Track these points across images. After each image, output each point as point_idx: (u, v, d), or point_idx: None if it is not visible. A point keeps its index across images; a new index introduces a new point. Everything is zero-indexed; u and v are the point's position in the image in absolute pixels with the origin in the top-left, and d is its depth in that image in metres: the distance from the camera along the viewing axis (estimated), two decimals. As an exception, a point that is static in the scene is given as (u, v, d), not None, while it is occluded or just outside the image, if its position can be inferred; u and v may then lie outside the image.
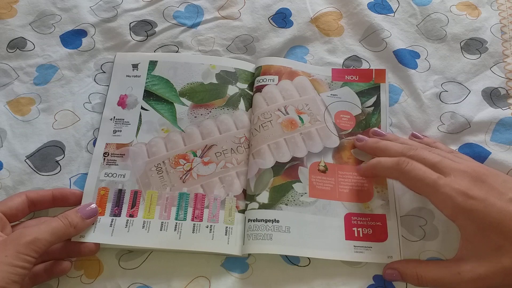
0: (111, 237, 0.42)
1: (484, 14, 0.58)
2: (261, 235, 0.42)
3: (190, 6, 0.58)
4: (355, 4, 0.58)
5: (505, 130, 0.49)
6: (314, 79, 0.52)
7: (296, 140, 0.48)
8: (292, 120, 0.49)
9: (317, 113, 0.50)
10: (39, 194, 0.42)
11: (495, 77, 0.53)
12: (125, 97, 0.50)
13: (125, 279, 0.42)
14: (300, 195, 0.45)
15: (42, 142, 0.48)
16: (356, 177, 0.46)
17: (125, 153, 0.47)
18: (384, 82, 0.52)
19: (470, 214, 0.36)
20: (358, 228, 0.43)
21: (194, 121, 0.49)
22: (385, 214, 0.44)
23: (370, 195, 0.45)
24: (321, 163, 0.47)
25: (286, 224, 0.43)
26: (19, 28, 0.55)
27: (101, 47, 0.55)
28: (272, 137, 0.47)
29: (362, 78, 0.52)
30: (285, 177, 0.45)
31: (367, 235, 0.43)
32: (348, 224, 0.44)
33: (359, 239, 0.43)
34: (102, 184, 0.45)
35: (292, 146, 0.47)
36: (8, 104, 0.50)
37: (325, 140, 0.48)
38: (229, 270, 0.42)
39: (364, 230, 0.43)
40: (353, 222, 0.44)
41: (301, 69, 0.53)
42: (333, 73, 0.53)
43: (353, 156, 0.48)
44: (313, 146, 0.48)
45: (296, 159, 0.47)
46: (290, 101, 0.50)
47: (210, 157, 0.47)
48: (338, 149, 0.48)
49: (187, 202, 0.44)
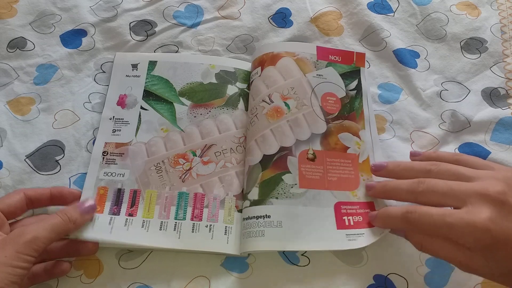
0: (110, 235, 0.42)
1: (484, 13, 0.58)
2: (254, 232, 0.41)
3: (190, 6, 0.58)
4: (355, 4, 0.58)
5: (505, 130, 0.49)
6: (299, 59, 0.50)
7: (283, 128, 0.46)
8: (277, 108, 0.47)
9: (304, 97, 0.48)
10: (37, 192, 0.42)
11: (495, 77, 0.53)
12: (125, 96, 0.50)
13: (125, 279, 0.41)
14: (291, 187, 0.43)
15: (42, 142, 0.48)
16: (343, 164, 0.45)
17: (124, 152, 0.47)
18: (363, 67, 0.51)
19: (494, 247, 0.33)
20: (348, 216, 0.43)
21: (194, 121, 0.49)
22: (373, 201, 0.44)
23: (357, 183, 0.45)
24: (310, 151, 0.45)
25: (278, 218, 0.42)
26: (19, 28, 0.55)
27: (101, 47, 0.55)
28: (259, 130, 0.46)
29: (344, 60, 0.51)
30: (274, 170, 0.44)
31: (358, 223, 0.43)
32: (339, 213, 0.43)
33: (351, 227, 0.42)
34: (101, 183, 0.45)
35: (279, 136, 0.46)
36: (8, 104, 0.50)
37: (313, 126, 0.47)
38: (229, 270, 0.42)
39: (354, 218, 0.43)
40: (342, 211, 0.43)
41: (285, 49, 0.51)
42: (318, 51, 0.51)
43: (340, 142, 0.47)
44: (300, 133, 0.46)
45: (284, 148, 0.45)
46: (274, 88, 0.48)
47: (210, 157, 0.47)
48: (326, 135, 0.47)
49: (187, 202, 0.44)
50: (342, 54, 0.52)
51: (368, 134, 0.48)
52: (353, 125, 0.48)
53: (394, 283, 0.42)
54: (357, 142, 0.47)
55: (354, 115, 0.48)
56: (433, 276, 0.42)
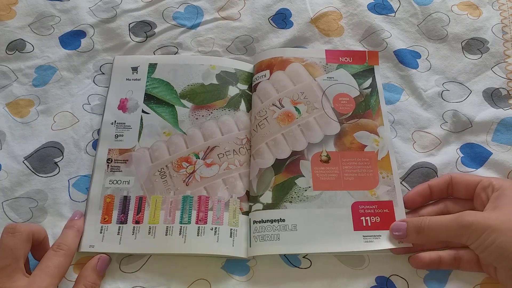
0: (119, 246, 0.42)
1: (485, 14, 0.58)
2: (268, 236, 0.42)
3: (189, 7, 0.58)
4: (355, 5, 0.58)
5: (507, 131, 0.49)
6: (308, 64, 0.51)
7: (295, 133, 0.47)
8: (288, 113, 0.48)
9: (314, 100, 0.49)
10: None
11: (496, 78, 0.53)
12: (126, 100, 0.50)
13: (125, 283, 0.41)
14: (304, 190, 0.44)
15: (41, 143, 0.48)
16: (360, 163, 0.46)
17: (129, 159, 0.46)
18: (377, 64, 0.52)
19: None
20: (366, 217, 0.43)
21: (196, 123, 0.49)
22: (391, 200, 0.44)
23: (376, 181, 0.45)
24: (323, 153, 0.46)
25: (293, 222, 0.42)
26: (18, 30, 0.55)
27: (100, 48, 0.54)
28: (270, 134, 0.47)
29: (356, 60, 0.52)
30: (287, 174, 0.45)
31: (375, 224, 0.42)
32: (356, 214, 0.43)
33: (368, 229, 0.42)
34: (108, 191, 0.45)
35: (291, 140, 0.46)
36: (7, 106, 0.50)
37: (325, 128, 0.47)
38: (229, 273, 0.42)
39: (372, 218, 0.43)
40: (360, 211, 0.43)
41: (293, 55, 0.52)
42: (327, 54, 0.52)
43: (356, 141, 0.47)
44: (312, 136, 0.47)
45: (296, 153, 0.46)
46: (284, 93, 0.49)
47: (213, 159, 0.47)
48: (340, 135, 0.47)
49: (191, 205, 0.44)
50: (353, 54, 0.52)
51: (387, 130, 0.48)
52: (370, 123, 0.48)
53: (395, 285, 0.41)
54: (375, 139, 0.47)
55: (370, 112, 0.48)
56: (432, 278, 0.42)
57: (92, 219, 0.43)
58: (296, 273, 0.42)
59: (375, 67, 0.52)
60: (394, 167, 0.46)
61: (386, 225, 0.42)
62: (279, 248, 0.41)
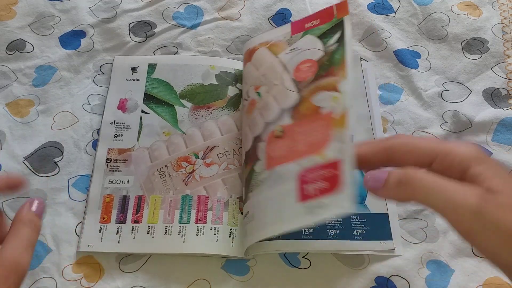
0: (118, 245, 0.42)
1: (485, 14, 0.58)
2: (243, 232, 0.41)
3: (189, 7, 0.58)
4: (355, 5, 0.58)
5: (507, 131, 0.49)
6: (273, 44, 0.47)
7: (256, 119, 0.44)
8: (252, 101, 0.45)
9: (275, 78, 0.44)
10: None
11: (496, 78, 0.53)
12: (125, 100, 0.50)
13: (125, 283, 0.41)
14: (259, 174, 0.40)
15: (41, 143, 0.48)
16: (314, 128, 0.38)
17: (128, 158, 0.46)
18: (347, 14, 0.43)
19: None
20: (309, 185, 0.36)
21: (195, 123, 0.49)
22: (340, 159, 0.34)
23: (325, 141, 0.37)
24: (277, 128, 0.41)
25: (252, 212, 0.40)
26: (18, 30, 0.55)
27: (100, 48, 0.54)
28: (243, 131, 0.46)
29: (324, 19, 0.45)
30: (250, 163, 0.43)
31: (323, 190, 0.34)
32: (301, 184, 0.36)
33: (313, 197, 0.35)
34: (107, 191, 0.45)
35: (253, 128, 0.44)
36: (7, 106, 0.50)
37: (282, 102, 0.42)
38: (229, 273, 0.42)
39: (318, 184, 0.35)
40: (304, 179, 0.36)
41: (260, 41, 0.49)
42: (292, 27, 0.47)
43: (312, 105, 0.40)
44: (269, 115, 0.42)
45: (256, 138, 0.43)
46: (250, 82, 0.47)
47: (212, 159, 0.47)
48: (298, 105, 0.41)
49: (190, 205, 0.44)
50: (320, 14, 0.45)
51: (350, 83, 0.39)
52: (330, 81, 0.40)
53: (396, 285, 0.41)
54: (333, 97, 0.39)
55: (332, 69, 0.41)
56: (434, 278, 0.42)
57: (91, 218, 0.43)
58: (296, 273, 0.42)
59: (345, 18, 0.43)
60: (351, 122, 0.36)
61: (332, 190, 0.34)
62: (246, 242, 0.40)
